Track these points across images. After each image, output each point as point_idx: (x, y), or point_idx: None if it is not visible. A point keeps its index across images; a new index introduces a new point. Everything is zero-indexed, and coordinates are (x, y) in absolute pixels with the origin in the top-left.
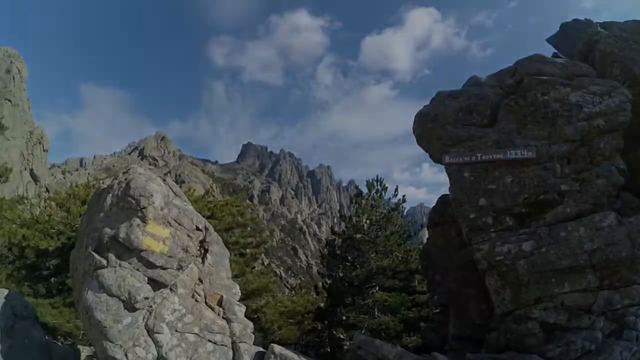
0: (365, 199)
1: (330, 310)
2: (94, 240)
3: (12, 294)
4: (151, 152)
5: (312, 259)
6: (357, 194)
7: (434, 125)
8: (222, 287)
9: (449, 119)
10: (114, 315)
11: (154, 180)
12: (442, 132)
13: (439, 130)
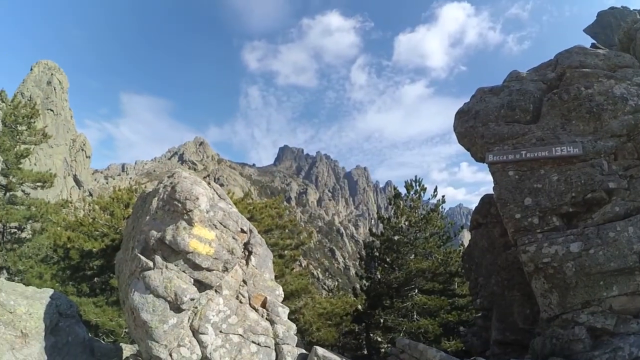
0: (404, 200)
1: (368, 312)
2: (140, 243)
3: (57, 293)
4: (190, 156)
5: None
6: (395, 195)
7: (476, 123)
8: (266, 288)
9: (491, 116)
10: (159, 316)
11: (199, 183)
12: (484, 130)
13: (481, 128)
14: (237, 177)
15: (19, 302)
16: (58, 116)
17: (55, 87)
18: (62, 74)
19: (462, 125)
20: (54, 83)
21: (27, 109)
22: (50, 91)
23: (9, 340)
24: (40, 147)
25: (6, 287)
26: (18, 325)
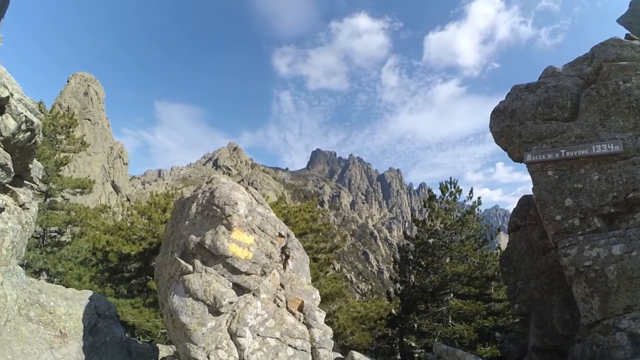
0: (439, 202)
1: (402, 316)
2: (179, 247)
3: (96, 294)
4: (224, 162)
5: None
6: (430, 197)
7: (512, 122)
8: (303, 292)
9: (528, 114)
10: (198, 319)
11: (237, 189)
12: (521, 129)
13: (518, 127)
14: (271, 182)
15: (59, 303)
16: (95, 125)
17: (92, 98)
18: (98, 85)
19: (498, 124)
20: (91, 94)
21: (66, 119)
22: (88, 102)
23: (47, 339)
24: (79, 155)
25: (46, 289)
26: (57, 326)
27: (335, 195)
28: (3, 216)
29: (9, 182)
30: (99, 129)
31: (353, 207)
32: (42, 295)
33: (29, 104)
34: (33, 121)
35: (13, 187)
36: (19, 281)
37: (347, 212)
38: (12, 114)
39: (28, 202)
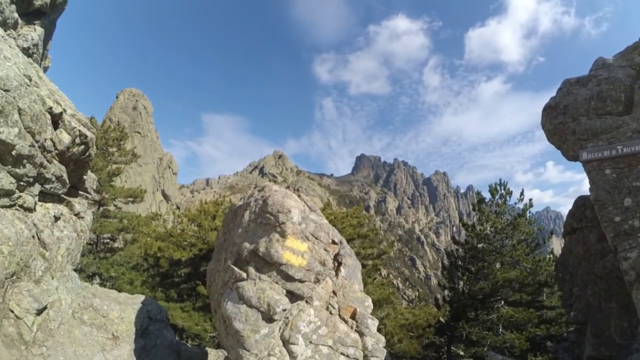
0: (489, 205)
1: (450, 324)
2: (233, 254)
3: (148, 299)
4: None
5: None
6: (479, 200)
7: (565, 119)
8: (355, 300)
9: (581, 110)
10: (252, 326)
11: (290, 196)
12: (575, 126)
13: (571, 123)
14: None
15: (112, 307)
16: (145, 138)
17: (141, 112)
18: (146, 99)
19: (550, 121)
20: (139, 108)
21: (117, 133)
22: (136, 115)
23: (100, 342)
24: (130, 166)
25: (100, 293)
26: (110, 329)
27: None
28: (59, 225)
29: (64, 192)
30: (148, 141)
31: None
32: (95, 299)
33: (81, 118)
34: (86, 135)
35: (68, 197)
36: (74, 286)
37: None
38: (66, 129)
39: (83, 211)
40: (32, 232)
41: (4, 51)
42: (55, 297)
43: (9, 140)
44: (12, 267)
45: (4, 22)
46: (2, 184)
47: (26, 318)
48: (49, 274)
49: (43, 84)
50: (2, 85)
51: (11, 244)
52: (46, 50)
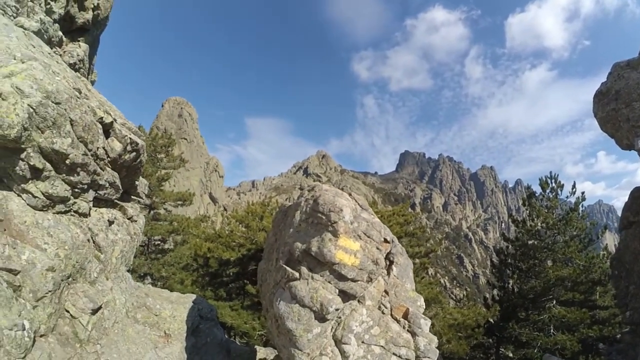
0: (539, 199)
1: (500, 325)
2: (284, 254)
3: (199, 298)
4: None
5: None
6: (529, 194)
7: (618, 105)
8: (407, 299)
9: (634, 95)
10: (304, 325)
11: (341, 195)
12: (628, 112)
13: (624, 109)
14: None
15: (164, 306)
16: (191, 143)
17: (186, 119)
18: (191, 107)
19: (602, 109)
20: (184, 115)
21: (164, 140)
22: (182, 123)
23: (152, 340)
24: (178, 171)
25: (153, 293)
26: (162, 327)
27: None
28: (113, 228)
29: (117, 198)
30: (194, 146)
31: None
32: (148, 298)
33: (131, 127)
34: (137, 142)
35: (122, 202)
36: (128, 286)
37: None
38: (117, 137)
39: (136, 215)
40: (87, 236)
41: (52, 67)
42: (109, 297)
43: (62, 150)
44: (68, 270)
45: (49, 41)
46: (57, 191)
47: (81, 317)
48: (103, 275)
49: (92, 95)
50: (53, 98)
51: (67, 248)
52: (92, 64)
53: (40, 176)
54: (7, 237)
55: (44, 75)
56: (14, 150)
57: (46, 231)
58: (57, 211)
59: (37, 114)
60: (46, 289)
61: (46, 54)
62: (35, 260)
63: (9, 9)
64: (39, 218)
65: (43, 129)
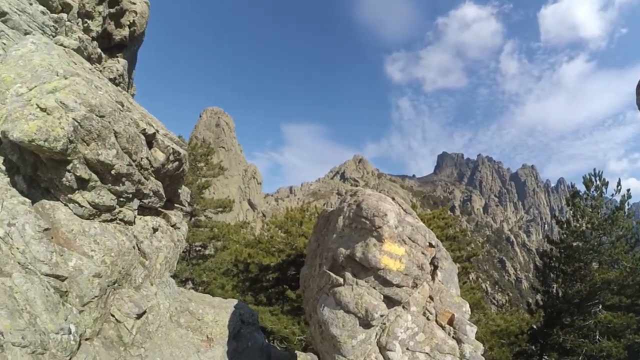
0: (584, 198)
1: (544, 331)
2: (328, 260)
3: (240, 303)
4: (351, 174)
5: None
6: (573, 194)
7: None
8: (452, 305)
9: None
10: (349, 331)
11: (384, 199)
12: None
13: None
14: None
15: (207, 310)
16: (229, 152)
17: (224, 128)
18: (228, 116)
19: None
20: (222, 125)
21: (204, 149)
22: (220, 132)
23: (195, 344)
24: (217, 178)
25: (195, 298)
26: (204, 331)
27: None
28: (157, 235)
29: (161, 206)
30: (232, 154)
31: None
32: (191, 303)
33: (173, 137)
34: (179, 152)
35: (165, 210)
36: (171, 291)
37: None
38: (159, 148)
39: (179, 222)
40: (132, 243)
41: (94, 81)
42: (154, 302)
43: (107, 161)
44: (114, 276)
45: (89, 57)
46: (103, 200)
47: (126, 322)
48: (148, 280)
49: (134, 108)
50: (97, 112)
51: (113, 255)
52: (131, 79)
53: (87, 186)
54: (55, 245)
55: (87, 90)
56: (61, 162)
57: (93, 239)
58: (103, 219)
59: (82, 127)
60: (92, 294)
61: (87, 70)
62: (82, 266)
63: (47, 28)
64: (86, 226)
65: (88, 141)
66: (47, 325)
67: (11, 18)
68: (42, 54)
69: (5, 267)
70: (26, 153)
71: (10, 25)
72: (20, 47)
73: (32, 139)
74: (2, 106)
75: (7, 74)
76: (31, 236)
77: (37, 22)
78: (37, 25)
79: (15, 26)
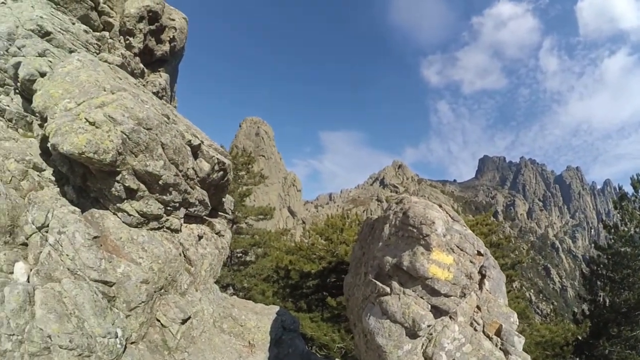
0: (632, 201)
1: (590, 342)
2: (373, 268)
3: (282, 310)
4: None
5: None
6: (621, 196)
7: None
8: (500, 315)
9: None
10: (395, 342)
11: (431, 207)
12: None
13: None
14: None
15: (250, 317)
16: (269, 160)
17: (263, 137)
18: (267, 125)
19: None
20: (261, 134)
21: (244, 158)
22: (260, 141)
23: (237, 349)
24: (257, 187)
25: (238, 304)
26: (247, 337)
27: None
28: (202, 243)
29: (206, 214)
30: (272, 162)
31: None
32: (234, 309)
33: (218, 148)
34: (224, 162)
35: (210, 218)
36: (215, 297)
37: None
38: (205, 158)
39: (223, 230)
40: (179, 251)
41: (140, 96)
42: (198, 308)
43: (155, 172)
44: (161, 282)
45: (132, 73)
46: (151, 209)
47: (171, 326)
48: (193, 287)
49: (179, 120)
50: (145, 125)
51: (160, 262)
52: (173, 92)
53: (135, 196)
54: (104, 252)
55: (134, 104)
56: (110, 173)
57: (141, 246)
58: (150, 228)
59: (130, 139)
60: (139, 300)
61: (132, 85)
62: (130, 273)
63: (91, 46)
64: (134, 234)
65: (137, 153)
66: (95, 329)
67: (55, 37)
68: (88, 70)
69: (55, 272)
70: (76, 165)
71: (55, 44)
72: (67, 64)
73: (82, 152)
74: (52, 120)
75: (55, 90)
76: (81, 244)
77: (80, 40)
78: (81, 43)
79: (59, 45)
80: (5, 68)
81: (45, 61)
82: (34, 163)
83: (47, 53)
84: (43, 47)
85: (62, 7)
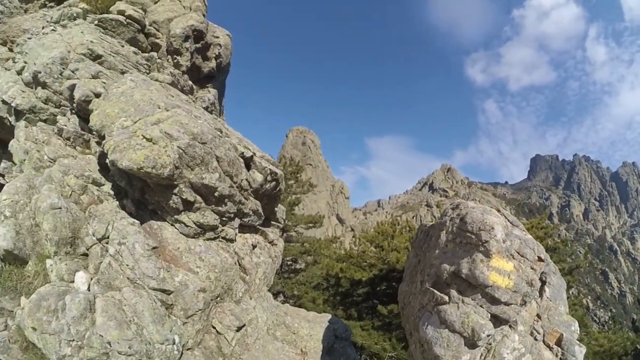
0: None
1: None
2: (430, 277)
3: (334, 318)
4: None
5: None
6: None
7: None
8: (561, 323)
9: None
10: (453, 352)
11: (489, 212)
12: None
13: None
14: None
15: (302, 325)
16: (316, 168)
17: (310, 146)
18: (313, 134)
19: None
20: (308, 143)
21: (292, 167)
22: (306, 150)
23: (290, 357)
24: (306, 195)
25: (291, 312)
26: (299, 345)
27: (564, 205)
28: (256, 252)
29: (259, 224)
30: (319, 171)
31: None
32: (287, 317)
33: (269, 159)
34: (276, 172)
35: (263, 227)
36: (269, 305)
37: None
38: (257, 169)
39: (276, 239)
40: (234, 260)
41: (193, 111)
42: (252, 315)
43: (211, 184)
44: (217, 290)
45: (182, 90)
46: (207, 220)
47: (226, 334)
48: (247, 295)
49: (231, 133)
50: (199, 139)
51: (217, 271)
52: (222, 106)
53: (192, 208)
54: (162, 262)
55: (188, 120)
56: (167, 187)
57: (198, 256)
58: (207, 238)
59: (186, 153)
60: (197, 308)
61: (184, 101)
62: (188, 282)
63: (141, 66)
64: (191, 244)
65: (192, 167)
66: (154, 335)
67: (107, 59)
68: (141, 89)
69: (115, 281)
70: (134, 179)
71: (107, 66)
72: (120, 85)
73: (140, 167)
74: (109, 138)
75: (111, 109)
76: (140, 254)
77: (131, 61)
78: (132, 64)
79: (111, 66)
80: (60, 90)
81: (99, 82)
82: (93, 178)
83: (100, 75)
84: (96, 70)
85: (110, 31)
